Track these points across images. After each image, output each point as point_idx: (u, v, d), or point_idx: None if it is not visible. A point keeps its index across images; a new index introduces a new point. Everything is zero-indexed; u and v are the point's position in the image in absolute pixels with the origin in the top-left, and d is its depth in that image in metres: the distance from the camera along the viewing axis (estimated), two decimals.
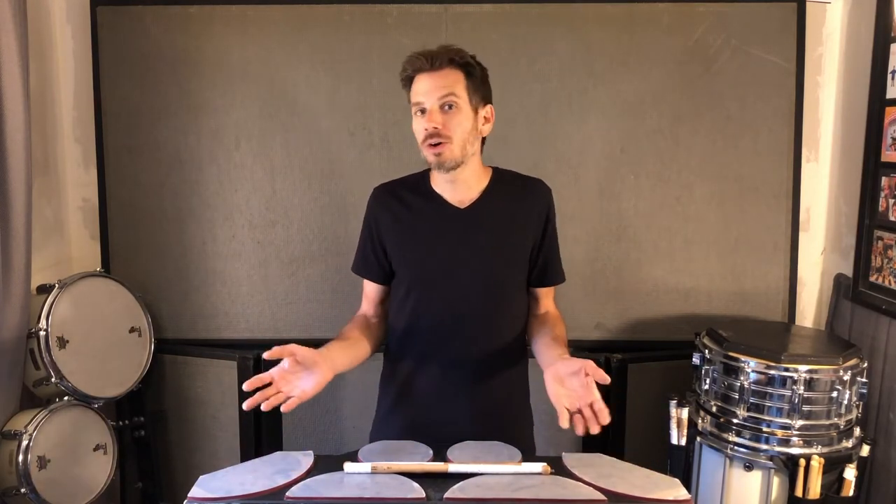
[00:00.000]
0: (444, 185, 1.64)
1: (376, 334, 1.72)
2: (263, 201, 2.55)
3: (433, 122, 1.52)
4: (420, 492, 1.29)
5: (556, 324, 1.69)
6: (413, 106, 1.57)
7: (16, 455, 2.01)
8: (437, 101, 1.53)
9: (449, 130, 1.53)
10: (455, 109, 1.54)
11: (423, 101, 1.54)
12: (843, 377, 1.96)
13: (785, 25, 2.46)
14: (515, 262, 1.66)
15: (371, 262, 1.70)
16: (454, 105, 1.54)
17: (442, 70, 1.54)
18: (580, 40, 2.47)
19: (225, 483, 1.33)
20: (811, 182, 2.57)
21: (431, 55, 1.54)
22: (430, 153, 1.55)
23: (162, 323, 2.57)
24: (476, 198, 1.64)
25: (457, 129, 1.54)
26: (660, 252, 2.55)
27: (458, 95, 1.54)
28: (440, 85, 1.53)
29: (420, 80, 1.55)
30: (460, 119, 1.55)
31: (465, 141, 1.56)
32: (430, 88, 1.53)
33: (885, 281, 2.24)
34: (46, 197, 2.47)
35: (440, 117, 1.53)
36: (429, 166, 1.62)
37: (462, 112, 1.55)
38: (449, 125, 1.53)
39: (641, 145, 2.51)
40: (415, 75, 1.56)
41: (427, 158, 1.57)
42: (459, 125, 1.54)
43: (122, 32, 2.48)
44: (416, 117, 1.57)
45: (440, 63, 1.54)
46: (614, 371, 2.45)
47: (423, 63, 1.54)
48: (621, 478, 1.36)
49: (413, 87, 1.57)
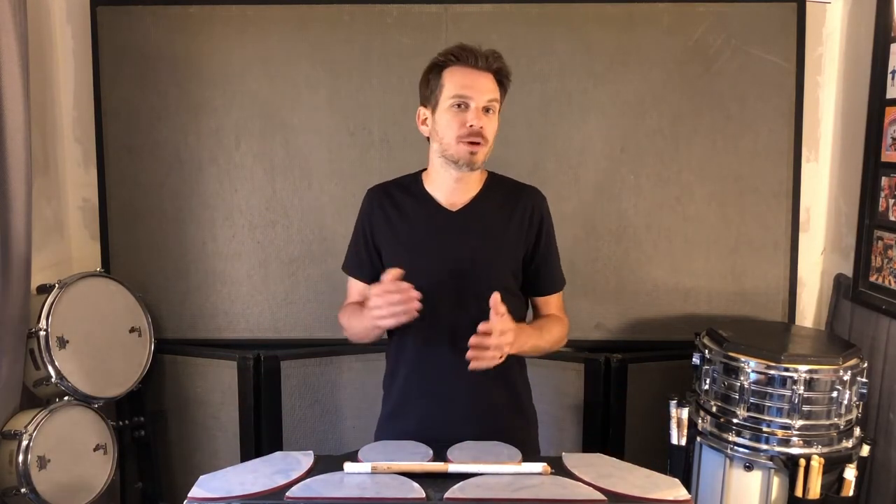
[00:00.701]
0: (438, 187, 1.63)
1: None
2: (263, 201, 2.56)
3: (480, 122, 1.52)
4: (420, 492, 1.29)
5: (550, 319, 1.70)
6: (453, 98, 1.53)
7: (16, 455, 2.01)
8: (484, 102, 1.53)
9: (488, 133, 1.54)
10: (493, 114, 1.56)
11: (471, 97, 1.52)
12: (843, 377, 1.96)
13: (785, 25, 2.46)
14: (505, 265, 1.65)
15: (364, 261, 1.69)
16: (492, 110, 1.56)
17: (490, 73, 1.55)
18: (580, 40, 2.48)
19: (225, 483, 1.33)
20: (811, 182, 2.57)
21: (486, 55, 1.54)
22: (466, 150, 1.53)
23: (162, 323, 2.57)
24: (468, 201, 1.63)
25: (491, 134, 1.56)
26: (660, 252, 2.55)
27: (498, 102, 1.57)
28: (489, 88, 1.54)
29: (468, 74, 1.53)
30: (495, 124, 1.57)
31: (491, 146, 1.58)
32: (481, 88, 1.53)
33: (885, 281, 2.24)
34: (46, 197, 2.47)
35: (483, 118, 1.53)
36: (424, 167, 1.62)
37: (496, 118, 1.58)
38: (488, 128, 1.54)
39: (641, 145, 2.51)
40: (457, 66, 1.54)
41: (457, 154, 1.54)
42: (494, 130, 1.57)
43: (122, 32, 2.48)
44: (452, 109, 1.54)
45: (491, 65, 1.54)
46: (614, 371, 2.45)
47: (477, 60, 1.53)
48: (621, 478, 1.36)
49: (455, 79, 1.54)
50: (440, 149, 1.57)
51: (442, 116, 1.55)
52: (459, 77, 1.54)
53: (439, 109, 1.56)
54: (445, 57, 1.56)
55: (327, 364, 2.55)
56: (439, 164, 1.60)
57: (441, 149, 1.57)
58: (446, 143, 1.55)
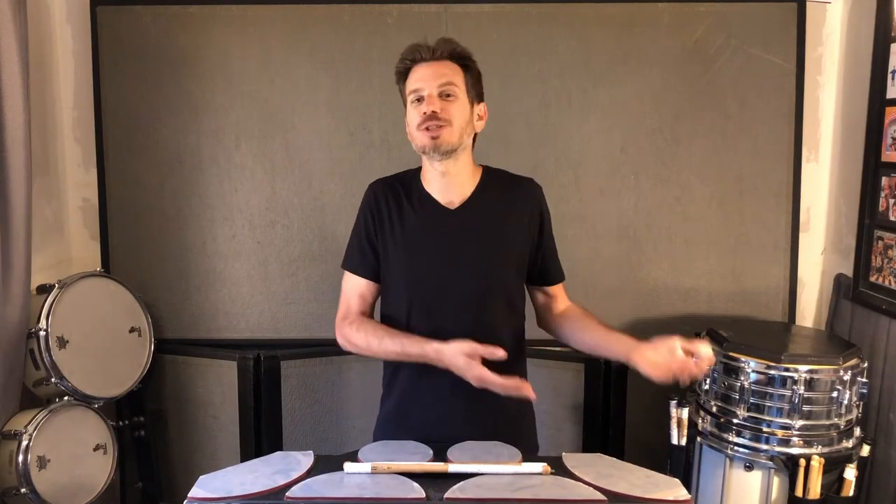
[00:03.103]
0: (435, 185, 1.63)
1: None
2: (263, 201, 2.56)
3: (433, 106, 1.52)
4: (420, 492, 1.29)
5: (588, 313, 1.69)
6: (410, 94, 1.56)
7: (16, 455, 2.01)
8: (437, 89, 1.53)
9: (448, 115, 1.53)
10: (454, 98, 1.55)
11: (421, 88, 1.53)
12: (844, 377, 1.96)
13: (785, 25, 2.46)
14: (509, 260, 1.64)
15: (367, 257, 1.66)
16: (452, 94, 1.54)
17: (442, 60, 1.55)
18: (580, 40, 2.47)
19: (225, 483, 1.33)
20: (811, 182, 2.57)
21: (433, 46, 1.55)
22: (426, 136, 1.52)
23: (162, 323, 2.57)
24: (466, 198, 1.63)
25: (456, 115, 1.54)
26: (660, 252, 2.55)
27: (456, 86, 1.55)
28: (440, 73, 1.54)
29: (419, 69, 1.55)
30: (459, 106, 1.55)
31: (462, 129, 1.55)
32: (430, 76, 1.53)
33: (885, 281, 2.24)
34: (46, 197, 2.47)
35: (439, 103, 1.53)
36: (419, 164, 1.62)
37: (460, 101, 1.56)
38: (448, 109, 1.53)
39: (641, 145, 2.51)
40: (412, 66, 1.56)
41: (420, 142, 1.54)
42: (459, 111, 1.55)
43: (122, 32, 2.48)
44: (412, 105, 1.56)
45: (440, 54, 1.55)
46: (614, 371, 2.45)
47: (423, 53, 1.55)
48: (621, 478, 1.36)
49: (410, 77, 1.56)
50: (414, 146, 1.59)
51: (409, 114, 1.58)
52: (413, 74, 1.56)
53: (407, 110, 1.59)
54: (402, 63, 1.58)
55: (327, 364, 2.55)
56: (425, 163, 1.62)
57: (414, 145, 1.59)
58: (414, 137, 1.57)
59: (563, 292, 1.76)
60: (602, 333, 1.61)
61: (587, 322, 1.66)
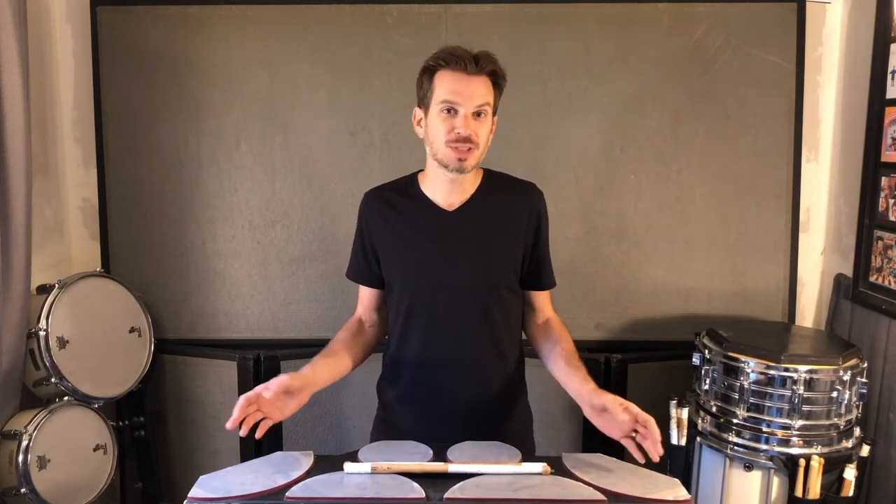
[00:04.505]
0: (435, 188, 1.62)
1: (368, 341, 1.71)
2: (263, 201, 2.55)
3: (469, 128, 1.50)
4: (420, 492, 1.29)
5: (563, 335, 1.66)
6: (442, 103, 1.51)
7: (16, 455, 2.01)
8: (474, 108, 1.51)
9: (478, 137, 1.52)
10: (484, 117, 1.53)
11: (458, 103, 1.50)
12: (843, 377, 1.96)
13: (785, 25, 2.46)
14: (506, 262, 1.64)
15: (364, 267, 1.69)
16: (484, 113, 1.53)
17: (481, 76, 1.52)
18: (580, 40, 2.47)
19: (225, 483, 1.33)
20: (811, 182, 2.57)
21: (476, 58, 1.51)
22: (455, 156, 1.51)
23: (162, 323, 2.57)
24: (465, 200, 1.62)
25: (483, 135, 1.54)
26: (660, 252, 2.55)
27: (490, 105, 1.54)
28: (479, 93, 1.51)
29: (457, 79, 1.51)
30: (486, 125, 1.55)
31: (485, 147, 1.56)
32: (470, 93, 1.50)
33: (885, 281, 2.24)
34: (46, 197, 2.47)
35: (473, 124, 1.51)
36: (423, 168, 1.62)
37: (488, 120, 1.55)
38: (479, 132, 1.52)
39: (641, 145, 2.51)
40: (448, 70, 1.51)
41: (445, 159, 1.53)
42: (485, 131, 1.55)
43: (122, 32, 2.48)
44: (440, 114, 1.52)
45: (483, 69, 1.52)
46: (614, 371, 2.45)
47: (466, 64, 1.50)
48: (621, 478, 1.37)
49: (444, 84, 1.51)
50: (431, 151, 1.57)
51: (433, 120, 1.54)
52: (449, 82, 1.51)
53: (430, 113, 1.55)
54: (436, 61, 1.53)
55: None
56: (434, 165, 1.59)
57: (432, 152, 1.57)
58: (436, 147, 1.54)
59: (548, 302, 1.74)
60: (565, 373, 1.58)
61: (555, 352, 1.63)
